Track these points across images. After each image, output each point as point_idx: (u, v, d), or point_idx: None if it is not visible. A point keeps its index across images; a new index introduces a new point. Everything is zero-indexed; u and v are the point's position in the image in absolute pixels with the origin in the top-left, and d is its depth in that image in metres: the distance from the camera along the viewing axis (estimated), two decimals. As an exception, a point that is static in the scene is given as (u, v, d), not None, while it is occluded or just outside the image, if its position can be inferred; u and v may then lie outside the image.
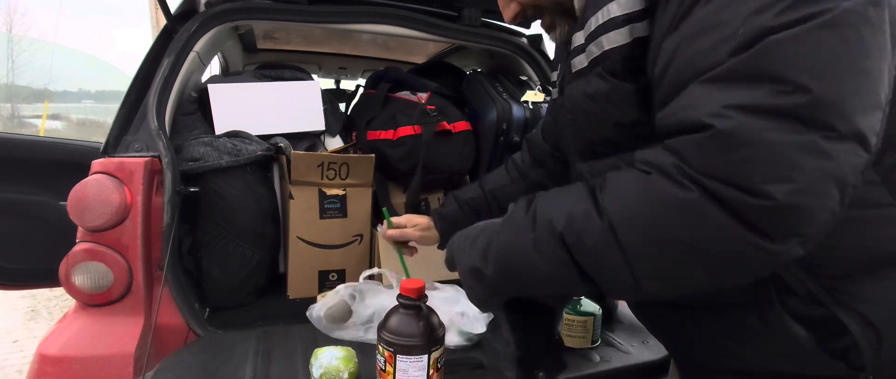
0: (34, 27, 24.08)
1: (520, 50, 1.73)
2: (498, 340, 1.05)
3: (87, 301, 1.11)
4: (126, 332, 1.08)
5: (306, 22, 1.47)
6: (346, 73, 2.87)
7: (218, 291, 1.32)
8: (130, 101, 1.28)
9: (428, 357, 0.81)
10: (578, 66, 0.64)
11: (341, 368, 0.89)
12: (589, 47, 0.61)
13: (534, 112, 1.55)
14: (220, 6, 1.38)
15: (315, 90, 1.56)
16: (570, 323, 1.04)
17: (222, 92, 1.45)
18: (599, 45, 0.59)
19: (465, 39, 1.66)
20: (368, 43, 2.34)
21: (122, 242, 1.11)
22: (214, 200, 1.28)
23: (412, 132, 1.48)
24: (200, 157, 1.28)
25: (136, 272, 1.11)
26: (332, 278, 1.46)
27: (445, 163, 1.54)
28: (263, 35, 2.16)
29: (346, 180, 1.42)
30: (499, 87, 1.64)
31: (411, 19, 1.54)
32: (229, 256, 1.30)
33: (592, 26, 0.60)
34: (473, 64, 2.18)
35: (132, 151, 1.18)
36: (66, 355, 1.03)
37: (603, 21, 0.58)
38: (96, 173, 1.11)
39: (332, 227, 1.43)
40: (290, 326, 1.15)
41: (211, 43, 1.46)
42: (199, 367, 0.96)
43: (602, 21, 0.58)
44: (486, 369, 0.97)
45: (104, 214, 1.08)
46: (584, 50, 0.62)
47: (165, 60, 1.30)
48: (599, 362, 1.01)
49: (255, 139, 1.39)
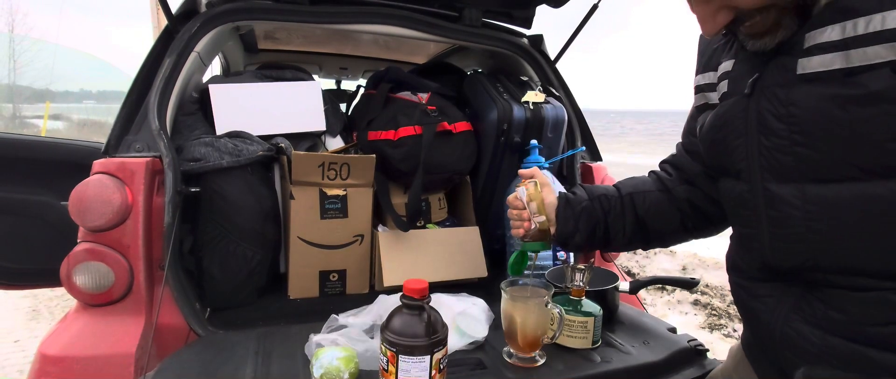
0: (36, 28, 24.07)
1: (520, 50, 1.73)
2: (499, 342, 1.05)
3: (88, 301, 1.11)
4: (127, 332, 1.08)
5: (307, 22, 1.47)
6: (346, 73, 2.87)
7: (219, 291, 1.32)
8: (132, 102, 1.28)
9: (430, 358, 0.81)
10: (818, 69, 0.56)
11: (342, 368, 0.89)
12: (855, 50, 0.52)
13: (534, 112, 1.55)
14: (221, 6, 1.39)
15: (316, 90, 1.56)
16: (571, 323, 1.03)
17: (223, 92, 1.45)
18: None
19: (465, 40, 1.66)
20: (369, 43, 2.34)
21: (123, 242, 1.11)
22: (215, 200, 1.28)
23: (413, 132, 1.48)
24: (201, 157, 1.28)
25: (137, 272, 1.12)
26: (333, 278, 1.46)
27: (446, 163, 1.54)
28: (264, 35, 2.17)
29: (346, 180, 1.42)
30: (499, 88, 1.64)
31: (412, 20, 1.54)
32: (230, 256, 1.31)
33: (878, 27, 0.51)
34: (474, 64, 2.18)
35: (133, 152, 1.19)
36: (67, 355, 1.03)
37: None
38: (97, 173, 1.11)
39: (332, 227, 1.43)
40: (290, 326, 1.15)
41: (212, 43, 1.46)
42: (200, 367, 0.96)
43: None
44: (487, 370, 0.97)
45: (105, 214, 1.08)
46: (837, 49, 0.54)
47: (167, 61, 1.30)
48: (600, 363, 1.00)
49: (255, 139, 1.39)
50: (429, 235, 1.54)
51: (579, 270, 1.07)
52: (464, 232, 1.58)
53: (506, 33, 1.73)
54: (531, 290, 1.01)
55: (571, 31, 1.79)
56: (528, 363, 0.98)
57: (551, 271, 1.27)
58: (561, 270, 1.25)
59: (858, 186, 0.54)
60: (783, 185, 0.60)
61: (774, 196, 0.61)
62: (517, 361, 0.99)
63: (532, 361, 0.98)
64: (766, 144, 0.61)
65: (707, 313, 3.19)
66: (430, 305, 0.86)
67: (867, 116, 0.52)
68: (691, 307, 3.30)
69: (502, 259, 1.56)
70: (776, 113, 0.59)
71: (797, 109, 0.57)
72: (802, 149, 0.57)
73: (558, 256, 1.42)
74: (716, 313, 3.15)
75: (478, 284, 1.48)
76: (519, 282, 1.03)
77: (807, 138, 0.57)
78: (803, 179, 0.58)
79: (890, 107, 0.51)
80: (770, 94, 0.60)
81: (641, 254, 4.40)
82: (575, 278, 1.07)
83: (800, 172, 0.58)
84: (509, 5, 1.69)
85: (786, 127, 0.58)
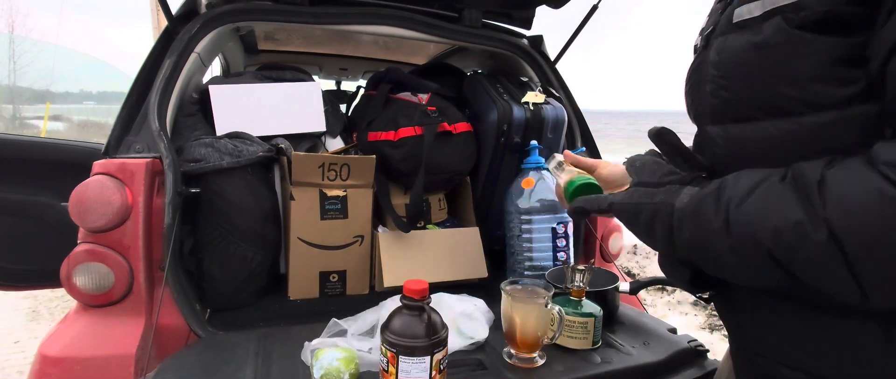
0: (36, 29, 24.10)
1: (520, 51, 1.73)
2: (499, 342, 1.05)
3: (88, 302, 1.11)
4: (127, 332, 1.08)
5: (307, 23, 1.47)
6: (346, 74, 2.88)
7: (219, 292, 1.32)
8: (132, 103, 1.28)
9: (430, 359, 0.81)
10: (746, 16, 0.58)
11: (342, 368, 0.89)
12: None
13: (534, 113, 1.55)
14: (221, 7, 1.39)
15: (316, 91, 1.56)
16: (571, 324, 1.03)
17: (223, 93, 1.45)
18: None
19: (465, 40, 1.66)
20: (369, 44, 2.35)
21: (123, 242, 1.11)
22: (215, 201, 1.28)
23: (413, 133, 1.48)
24: (201, 158, 1.28)
25: (137, 273, 1.12)
26: (333, 279, 1.46)
27: (446, 164, 1.54)
28: (264, 36, 2.17)
29: (346, 181, 1.42)
30: (499, 88, 1.64)
31: (412, 20, 1.54)
32: (230, 256, 1.31)
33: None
34: (474, 65, 2.18)
35: (133, 152, 1.19)
36: (67, 356, 1.03)
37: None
38: (97, 174, 1.11)
39: (332, 228, 1.43)
40: (290, 327, 1.15)
41: (212, 44, 1.46)
42: (200, 367, 0.96)
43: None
44: (487, 371, 0.97)
45: (105, 215, 1.08)
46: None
47: (167, 61, 1.30)
48: (600, 364, 1.00)
49: (255, 140, 1.39)
50: (429, 236, 1.54)
51: (579, 271, 1.07)
52: (464, 232, 1.58)
53: (505, 34, 1.73)
54: (531, 290, 1.01)
55: (571, 31, 1.79)
56: (528, 364, 0.98)
57: (551, 272, 1.27)
58: (561, 270, 1.25)
59: (760, 126, 0.57)
60: (714, 126, 0.64)
61: (708, 136, 0.65)
62: (517, 361, 0.98)
63: (532, 361, 0.98)
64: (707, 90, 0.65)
65: (707, 314, 3.19)
66: (430, 305, 0.86)
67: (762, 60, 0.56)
68: (691, 308, 3.30)
69: (502, 259, 1.56)
70: (713, 60, 0.63)
71: (724, 55, 0.61)
72: (724, 92, 0.62)
73: (558, 257, 1.42)
74: (716, 314, 3.15)
75: (478, 284, 1.48)
76: (519, 282, 1.03)
77: (728, 81, 0.61)
78: (726, 120, 0.62)
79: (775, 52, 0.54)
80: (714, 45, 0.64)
81: (641, 254, 4.40)
82: (575, 279, 1.07)
83: (723, 114, 0.63)
84: (509, 6, 1.69)
85: (717, 72, 0.63)
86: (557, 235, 1.41)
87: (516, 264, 1.46)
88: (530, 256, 1.43)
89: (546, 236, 1.41)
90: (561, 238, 1.42)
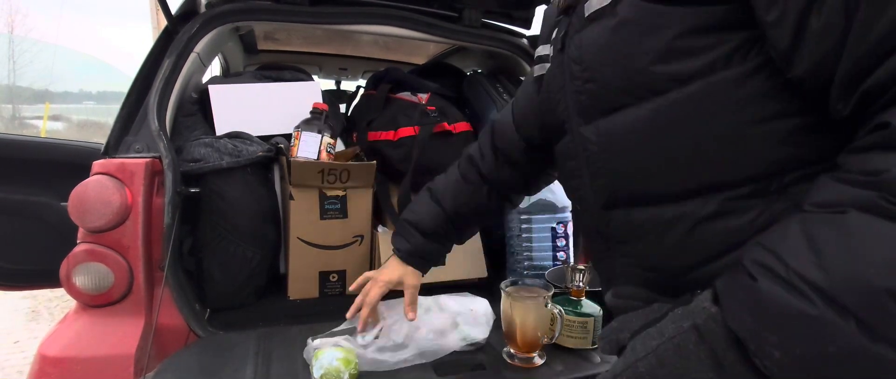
0: (35, 28, 24.08)
1: (520, 51, 1.73)
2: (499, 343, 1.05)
3: (87, 302, 1.11)
4: (127, 332, 1.08)
5: (307, 23, 1.47)
6: (346, 73, 2.87)
7: (218, 292, 1.32)
8: (131, 102, 1.28)
9: None
10: (597, 6, 0.58)
11: (342, 368, 0.89)
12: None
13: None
14: (220, 7, 1.39)
15: (315, 91, 1.56)
16: (570, 324, 1.03)
17: (223, 93, 1.45)
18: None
19: (465, 40, 1.66)
20: (369, 44, 2.34)
21: (122, 242, 1.11)
22: (215, 201, 1.28)
23: (413, 133, 1.48)
24: (201, 158, 1.28)
25: (137, 273, 1.11)
26: (333, 279, 1.46)
27: (446, 163, 1.52)
28: (264, 36, 2.17)
29: (346, 183, 1.42)
30: (499, 88, 1.64)
31: (412, 20, 1.54)
32: (230, 256, 1.31)
33: None
34: (474, 65, 2.18)
35: (133, 152, 1.18)
36: (66, 356, 1.03)
37: None
38: (97, 174, 1.11)
39: (332, 227, 1.43)
40: (290, 327, 1.15)
41: (212, 44, 1.46)
42: (200, 367, 0.96)
43: None
44: (487, 371, 0.97)
45: (105, 215, 1.08)
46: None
47: (166, 61, 1.30)
48: (600, 363, 1.01)
49: (255, 140, 1.39)
50: (428, 236, 1.53)
51: (579, 271, 1.07)
52: (463, 232, 1.58)
53: (505, 34, 1.73)
54: (531, 290, 1.01)
55: (571, 31, 1.79)
56: (528, 364, 0.98)
57: (551, 272, 1.27)
58: (561, 270, 1.25)
59: (630, 112, 0.56)
60: (586, 125, 0.62)
61: (582, 137, 0.63)
62: (517, 361, 0.99)
63: (531, 361, 0.98)
64: (571, 89, 0.64)
65: (707, 314, 3.18)
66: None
67: (622, 41, 0.55)
68: (691, 307, 3.29)
69: (502, 259, 1.56)
70: (574, 57, 0.62)
71: (584, 49, 0.60)
72: (591, 85, 0.61)
73: (558, 257, 1.42)
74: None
75: (478, 284, 1.48)
76: (519, 282, 1.03)
77: (592, 73, 0.60)
78: (596, 115, 0.61)
79: (636, 29, 0.53)
80: (571, 43, 0.63)
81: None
82: (575, 279, 1.07)
83: (593, 109, 0.61)
84: (509, 6, 1.69)
85: (580, 68, 0.61)
86: (557, 234, 1.42)
87: (516, 264, 1.46)
88: (530, 256, 1.43)
89: (545, 236, 1.41)
90: (560, 238, 1.42)
